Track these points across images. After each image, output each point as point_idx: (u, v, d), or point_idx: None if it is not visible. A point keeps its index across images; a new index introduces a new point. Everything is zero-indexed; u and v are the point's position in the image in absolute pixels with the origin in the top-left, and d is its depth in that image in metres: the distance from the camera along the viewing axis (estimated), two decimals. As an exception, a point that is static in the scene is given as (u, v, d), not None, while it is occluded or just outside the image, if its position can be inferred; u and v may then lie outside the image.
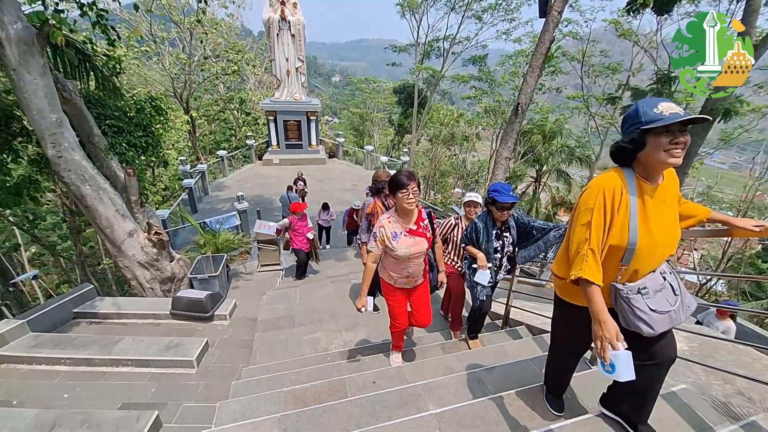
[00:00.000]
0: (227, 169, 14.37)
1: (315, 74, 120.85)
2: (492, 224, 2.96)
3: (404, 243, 2.47)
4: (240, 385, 3.02)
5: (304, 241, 5.88)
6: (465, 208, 3.51)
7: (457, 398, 2.38)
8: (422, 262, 2.65)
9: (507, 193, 2.79)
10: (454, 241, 3.47)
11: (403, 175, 2.37)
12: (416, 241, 2.50)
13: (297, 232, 5.89)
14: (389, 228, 2.48)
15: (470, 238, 3.03)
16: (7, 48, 3.42)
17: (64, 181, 4.29)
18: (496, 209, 2.86)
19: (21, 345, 3.68)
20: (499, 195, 2.78)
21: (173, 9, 15.66)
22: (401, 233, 2.48)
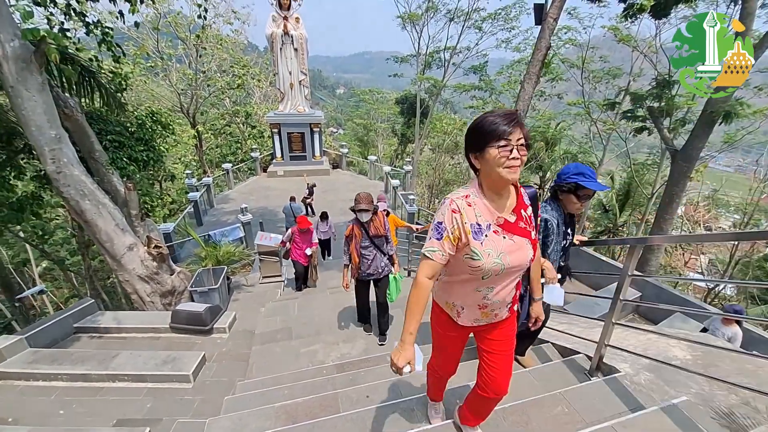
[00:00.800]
0: (233, 182, 14.52)
1: (320, 87, 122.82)
2: (562, 219, 2.29)
3: (495, 246, 1.39)
4: (233, 401, 2.98)
5: (302, 254, 5.93)
6: None
7: (451, 413, 2.31)
8: (516, 284, 1.58)
9: (594, 177, 2.14)
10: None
11: (499, 117, 1.27)
12: (516, 243, 1.42)
13: (297, 245, 5.93)
14: (469, 215, 1.38)
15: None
16: (5, 65, 3.51)
17: (63, 197, 4.35)
18: (576, 199, 2.20)
19: (19, 361, 3.69)
20: (586, 180, 2.11)
21: (179, 26, 16.11)
22: (490, 227, 1.40)
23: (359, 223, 3.62)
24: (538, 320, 2.03)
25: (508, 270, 1.42)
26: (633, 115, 11.40)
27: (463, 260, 1.44)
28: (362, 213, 3.53)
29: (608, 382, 2.36)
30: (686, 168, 7.99)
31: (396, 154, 24.75)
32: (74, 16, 5.19)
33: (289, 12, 13.41)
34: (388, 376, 3.01)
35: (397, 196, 11.50)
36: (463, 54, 19.46)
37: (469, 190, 1.43)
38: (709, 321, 4.26)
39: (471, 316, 1.61)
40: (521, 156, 1.27)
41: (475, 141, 1.33)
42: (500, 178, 1.31)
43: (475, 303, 1.56)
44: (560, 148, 16.04)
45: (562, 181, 2.21)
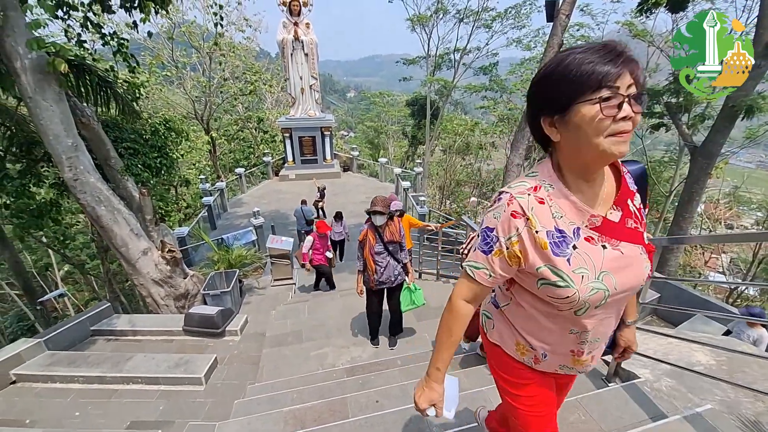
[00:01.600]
0: (245, 186, 14.71)
1: (331, 91, 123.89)
2: None
3: (592, 262, 0.93)
4: (243, 404, 2.98)
5: (323, 258, 5.93)
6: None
7: (463, 420, 2.25)
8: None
9: None
10: None
11: (596, 53, 0.78)
12: (626, 255, 0.96)
13: (318, 250, 5.89)
14: (543, 218, 0.92)
15: None
16: (23, 77, 3.62)
17: (80, 203, 4.46)
18: None
19: (37, 364, 3.78)
20: None
21: (193, 35, 16.46)
22: (579, 233, 0.93)
23: (374, 227, 3.51)
24: (629, 351, 1.31)
25: (615, 298, 0.93)
26: (650, 112, 11.09)
27: (539, 287, 0.95)
28: (377, 216, 3.43)
29: (627, 389, 2.26)
30: (706, 165, 7.71)
31: (407, 156, 24.70)
32: (91, 27, 5.33)
33: (300, 18, 13.55)
34: (399, 381, 2.96)
35: (408, 197, 11.46)
36: (473, 54, 19.31)
37: (538, 178, 0.94)
38: (734, 323, 4.08)
39: (556, 362, 1.10)
40: (635, 114, 0.80)
41: (552, 95, 0.84)
42: (600, 155, 0.82)
43: (565, 348, 1.06)
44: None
45: None
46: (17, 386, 3.68)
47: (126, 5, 4.87)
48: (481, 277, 1.01)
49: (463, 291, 1.07)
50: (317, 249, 5.88)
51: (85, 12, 4.86)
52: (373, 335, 4.03)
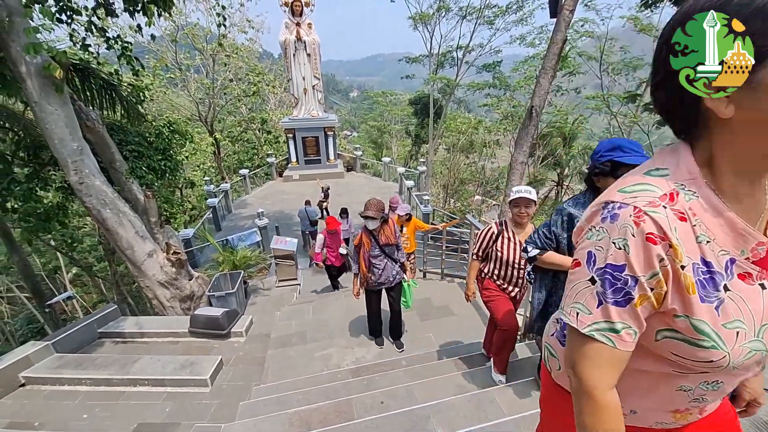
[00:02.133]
0: (249, 187, 14.77)
1: (333, 91, 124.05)
2: None
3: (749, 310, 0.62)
4: (248, 406, 2.98)
5: (336, 255, 5.75)
6: (512, 209, 2.54)
7: (468, 420, 2.23)
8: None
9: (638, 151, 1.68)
10: (500, 258, 2.61)
11: None
12: None
13: (330, 248, 5.72)
14: (688, 244, 0.61)
15: (550, 239, 1.97)
16: (29, 82, 3.65)
17: (86, 206, 4.49)
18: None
19: (45, 366, 3.82)
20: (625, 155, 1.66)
21: (196, 37, 16.55)
22: (732, 268, 0.62)
23: (368, 231, 3.41)
24: (754, 405, 0.94)
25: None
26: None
27: (658, 341, 0.69)
28: (369, 220, 3.33)
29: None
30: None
31: (410, 155, 24.65)
32: (96, 32, 5.36)
33: (302, 18, 13.56)
34: (404, 381, 2.95)
35: (411, 197, 11.43)
36: (476, 52, 19.20)
37: (671, 179, 0.64)
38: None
39: (650, 419, 0.84)
40: None
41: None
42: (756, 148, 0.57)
43: (668, 407, 0.79)
44: (579, 144, 15.56)
45: (596, 161, 1.77)
46: (26, 389, 3.71)
47: (129, 9, 4.89)
48: (627, 341, 0.66)
49: (603, 372, 0.68)
50: (330, 247, 5.69)
51: (90, 16, 4.88)
52: (376, 335, 4.02)
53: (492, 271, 2.70)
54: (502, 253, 2.60)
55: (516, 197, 2.48)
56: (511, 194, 2.52)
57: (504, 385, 2.55)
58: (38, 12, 3.56)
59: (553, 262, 1.95)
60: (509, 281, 2.66)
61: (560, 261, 1.93)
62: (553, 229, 1.95)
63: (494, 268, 2.68)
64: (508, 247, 2.59)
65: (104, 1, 4.75)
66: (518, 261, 2.58)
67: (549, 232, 1.97)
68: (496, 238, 2.63)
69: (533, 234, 2.06)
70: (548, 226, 1.97)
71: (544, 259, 1.97)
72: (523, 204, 2.48)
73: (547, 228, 1.98)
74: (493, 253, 2.65)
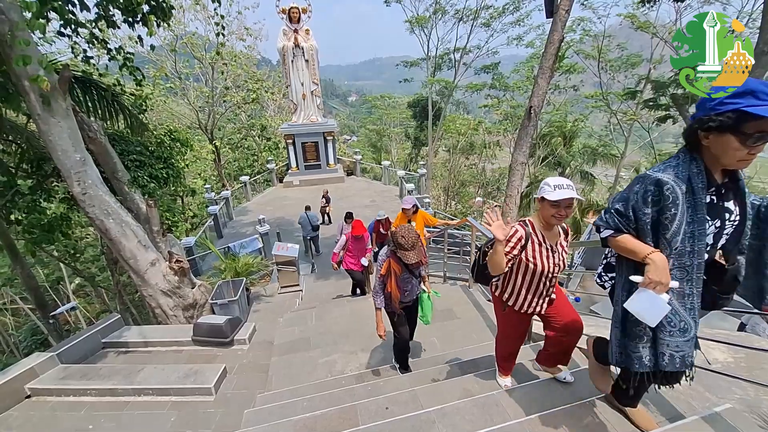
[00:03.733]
0: (250, 194, 14.82)
1: (332, 95, 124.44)
2: (703, 183, 1.37)
3: None
4: (253, 414, 2.97)
5: (356, 262, 5.49)
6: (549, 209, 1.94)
7: (473, 425, 2.22)
8: None
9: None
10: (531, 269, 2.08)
11: None
12: None
13: (351, 253, 5.46)
14: None
15: (626, 217, 1.49)
16: (32, 95, 3.69)
17: (89, 216, 4.52)
18: (741, 141, 1.25)
19: (50, 377, 3.82)
20: (761, 104, 1.19)
21: (195, 46, 16.68)
22: None
23: (397, 257, 2.82)
24: None
25: None
26: (655, 104, 10.97)
27: None
28: (408, 253, 2.69)
29: (641, 390, 2.21)
30: (716, 156, 7.58)
31: (410, 157, 24.71)
32: (97, 44, 5.41)
33: (299, 25, 13.66)
34: (408, 386, 2.94)
35: (412, 200, 11.43)
36: (474, 53, 19.29)
37: None
38: (747, 317, 3.99)
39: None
40: None
41: None
42: None
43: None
44: (579, 142, 15.57)
45: (712, 110, 1.29)
46: (32, 400, 3.71)
47: (128, 20, 4.93)
48: None
49: None
50: (350, 252, 5.44)
51: (91, 29, 4.93)
52: (405, 364, 3.42)
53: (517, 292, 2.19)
54: (535, 263, 2.06)
55: (558, 197, 1.86)
56: (548, 190, 1.90)
57: (509, 388, 2.54)
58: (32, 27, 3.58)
59: (627, 248, 1.48)
60: (539, 295, 2.17)
61: (634, 247, 1.44)
62: (632, 204, 1.45)
63: (521, 284, 2.16)
64: (540, 254, 2.06)
65: (105, 14, 4.79)
66: (552, 270, 2.08)
67: (626, 208, 1.48)
68: (525, 242, 2.05)
69: (604, 213, 1.58)
70: (625, 200, 1.49)
71: (617, 242, 1.52)
72: (564, 205, 1.90)
73: (624, 202, 1.49)
74: (521, 263, 2.10)
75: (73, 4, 4.14)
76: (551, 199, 1.89)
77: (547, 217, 1.99)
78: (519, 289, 2.19)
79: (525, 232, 2.05)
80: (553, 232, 2.11)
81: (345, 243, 5.36)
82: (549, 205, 1.94)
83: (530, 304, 2.21)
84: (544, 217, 2.02)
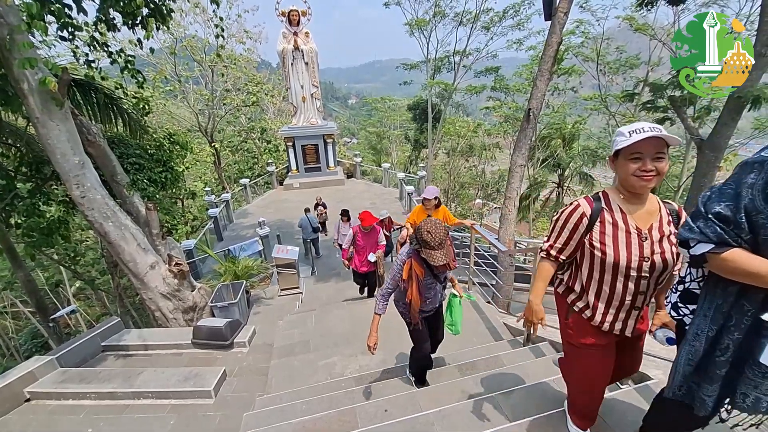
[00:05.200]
0: (250, 196, 14.83)
1: (332, 98, 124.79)
2: None
3: None
4: (252, 417, 2.97)
5: (363, 260, 4.98)
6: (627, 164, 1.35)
7: (472, 427, 2.22)
8: None
9: None
10: (603, 261, 1.47)
11: None
12: None
13: (358, 249, 4.96)
14: None
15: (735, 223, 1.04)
16: (31, 99, 3.70)
17: (88, 220, 4.52)
18: None
19: (49, 381, 3.82)
20: None
21: (195, 49, 16.74)
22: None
23: (420, 258, 2.39)
24: None
25: None
26: (653, 106, 10.97)
27: None
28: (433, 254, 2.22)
29: (640, 390, 2.21)
30: (714, 158, 7.58)
31: (410, 160, 24.74)
32: (98, 47, 5.43)
33: (299, 27, 13.71)
34: (407, 389, 2.94)
35: (412, 202, 11.45)
36: (473, 56, 19.35)
37: None
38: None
39: None
40: None
41: None
42: None
43: None
44: (578, 144, 15.59)
45: None
46: (31, 404, 3.71)
47: (128, 23, 4.95)
48: None
49: None
50: (360, 247, 4.89)
51: (91, 32, 4.95)
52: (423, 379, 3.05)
53: (586, 292, 1.56)
54: (603, 252, 1.44)
55: (633, 139, 1.28)
56: (622, 139, 1.32)
57: (507, 390, 2.53)
58: (35, 28, 3.60)
59: (745, 270, 1.03)
60: (619, 304, 1.50)
61: (760, 268, 1.00)
62: (745, 203, 1.01)
63: (588, 281, 1.54)
64: (615, 238, 1.43)
65: (104, 17, 4.81)
66: (641, 267, 1.42)
67: (735, 210, 1.03)
68: (591, 224, 1.46)
69: (694, 220, 1.12)
70: (733, 198, 1.04)
71: (726, 262, 1.06)
72: (651, 154, 1.29)
73: (731, 203, 1.04)
74: (587, 251, 1.50)
75: (69, 8, 4.15)
76: (621, 142, 1.31)
77: (628, 180, 1.36)
78: (587, 288, 1.56)
79: (591, 209, 1.46)
80: (644, 209, 1.44)
81: (353, 238, 4.87)
82: (627, 160, 1.33)
83: (604, 315, 1.53)
84: (625, 183, 1.40)
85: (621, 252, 1.43)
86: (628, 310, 1.52)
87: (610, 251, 1.44)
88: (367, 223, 4.69)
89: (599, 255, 1.46)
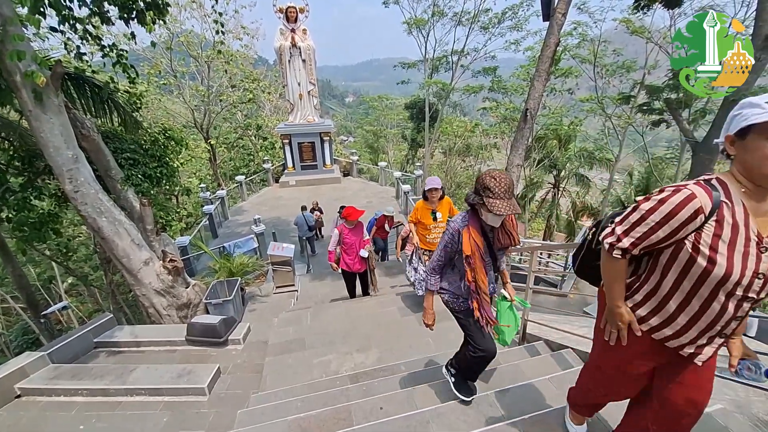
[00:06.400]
0: (246, 194, 14.76)
1: (329, 96, 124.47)
2: None
3: None
4: (246, 414, 2.95)
5: (354, 259, 4.81)
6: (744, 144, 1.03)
7: (468, 425, 2.22)
8: None
9: None
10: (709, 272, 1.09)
11: None
12: None
13: (347, 248, 4.75)
14: None
15: None
16: (23, 91, 3.64)
17: (81, 215, 4.47)
18: None
19: (41, 377, 3.77)
20: None
21: (191, 45, 16.60)
22: None
23: (479, 223, 1.96)
24: None
25: None
26: (649, 108, 11.08)
27: None
28: (500, 202, 1.76)
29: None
30: (708, 160, 7.67)
31: (407, 159, 24.74)
32: (91, 40, 5.36)
33: (296, 24, 13.65)
34: (403, 386, 2.94)
35: (408, 200, 11.45)
36: (471, 56, 19.38)
37: None
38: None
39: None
40: None
41: None
42: None
43: None
44: (575, 146, 15.68)
45: None
46: (22, 400, 3.66)
47: (124, 16, 4.90)
48: None
49: None
50: (347, 246, 4.68)
51: (84, 25, 4.88)
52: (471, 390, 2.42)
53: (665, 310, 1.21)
54: (714, 261, 1.08)
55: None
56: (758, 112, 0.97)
57: (503, 388, 2.54)
58: (29, 22, 3.54)
59: None
60: (711, 326, 1.16)
61: None
62: None
63: (672, 294, 1.19)
64: (733, 245, 1.07)
65: (99, 10, 4.75)
66: (752, 285, 1.08)
67: None
68: (705, 221, 1.07)
69: None
70: None
71: None
72: None
73: None
74: (683, 254, 1.13)
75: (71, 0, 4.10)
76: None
77: (762, 167, 1.00)
78: (668, 302, 1.20)
79: (712, 201, 1.06)
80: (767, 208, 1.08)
81: (339, 237, 4.67)
82: (765, 139, 0.98)
83: (688, 338, 1.20)
84: (757, 171, 1.02)
85: (735, 264, 1.05)
86: (712, 336, 1.17)
87: (722, 261, 1.06)
88: (353, 217, 4.54)
89: (703, 263, 1.08)
